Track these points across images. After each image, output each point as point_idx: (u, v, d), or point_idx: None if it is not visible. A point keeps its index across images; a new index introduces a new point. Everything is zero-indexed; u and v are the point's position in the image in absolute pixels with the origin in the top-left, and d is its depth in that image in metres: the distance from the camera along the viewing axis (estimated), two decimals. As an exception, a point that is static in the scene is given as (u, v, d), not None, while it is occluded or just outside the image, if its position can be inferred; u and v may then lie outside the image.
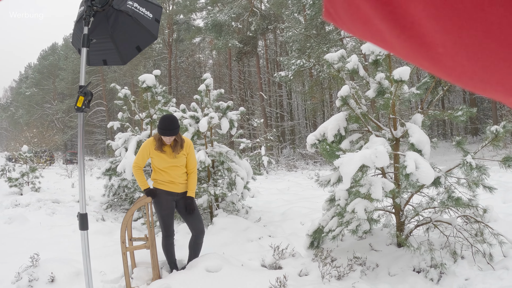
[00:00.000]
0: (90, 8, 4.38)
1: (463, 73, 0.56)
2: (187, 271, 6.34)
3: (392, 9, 0.55)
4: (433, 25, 0.53)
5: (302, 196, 16.03)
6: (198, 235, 6.70)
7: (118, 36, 4.79)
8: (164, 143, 6.40)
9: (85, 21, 4.33)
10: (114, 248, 7.97)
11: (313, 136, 6.95)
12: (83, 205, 4.37)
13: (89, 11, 4.36)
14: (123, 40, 4.88)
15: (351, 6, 0.61)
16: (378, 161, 5.23)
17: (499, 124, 6.43)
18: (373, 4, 0.57)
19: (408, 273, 6.11)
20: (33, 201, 14.14)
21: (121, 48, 4.94)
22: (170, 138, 6.31)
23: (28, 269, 6.48)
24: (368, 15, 0.59)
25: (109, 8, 4.54)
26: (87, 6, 4.38)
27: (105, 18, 4.61)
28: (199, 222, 6.68)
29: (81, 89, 4.13)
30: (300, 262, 6.73)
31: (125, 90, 13.08)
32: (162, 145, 6.39)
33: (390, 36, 0.59)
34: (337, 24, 0.68)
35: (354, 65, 6.77)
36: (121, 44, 4.91)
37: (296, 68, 36.68)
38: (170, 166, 6.42)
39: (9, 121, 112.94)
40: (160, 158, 6.41)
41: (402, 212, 6.84)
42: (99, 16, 4.53)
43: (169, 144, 6.40)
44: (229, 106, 10.27)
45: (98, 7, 4.44)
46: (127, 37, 4.87)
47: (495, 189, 6.50)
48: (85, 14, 4.36)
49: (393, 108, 6.59)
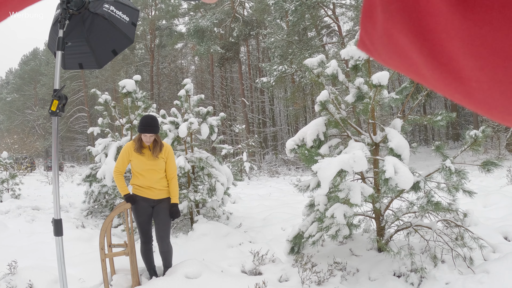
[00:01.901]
0: (65, 11, 4.32)
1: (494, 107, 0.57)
2: (166, 278, 6.30)
3: (431, 45, 0.56)
4: (470, 62, 0.54)
5: (283, 202, 16.02)
6: (158, 243, 6.62)
7: (94, 40, 4.75)
8: (144, 145, 6.37)
9: (60, 24, 4.28)
10: (94, 255, 7.90)
11: (292, 141, 6.94)
12: (57, 211, 4.32)
13: (64, 14, 4.31)
14: (99, 44, 4.84)
15: (390, 40, 0.62)
16: (356, 166, 5.23)
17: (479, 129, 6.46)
18: (413, 39, 0.58)
19: (389, 278, 6.11)
20: (13, 208, 14.01)
21: (97, 51, 4.90)
22: (150, 137, 6.29)
23: (6, 277, 6.43)
24: (406, 49, 0.60)
25: (85, 11, 4.49)
26: (63, 9, 4.32)
27: (81, 21, 4.56)
28: (163, 229, 6.57)
29: (55, 92, 4.08)
30: (280, 267, 6.71)
31: (105, 95, 13.00)
32: (141, 147, 6.36)
33: (426, 70, 0.60)
34: (372, 55, 0.69)
35: (333, 70, 6.78)
36: (97, 48, 4.86)
37: (278, 74, 36.76)
38: (149, 169, 6.38)
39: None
40: (139, 160, 6.37)
41: (382, 217, 6.84)
42: (75, 19, 4.48)
43: (149, 145, 6.37)
44: (209, 112, 10.25)
45: (73, 10, 4.39)
46: (103, 40, 4.82)
47: (474, 193, 6.53)
48: (60, 17, 4.31)
49: (373, 113, 6.60)
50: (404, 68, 0.64)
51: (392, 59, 0.65)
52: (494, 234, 7.69)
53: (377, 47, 0.65)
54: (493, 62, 0.52)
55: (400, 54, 0.61)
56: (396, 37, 0.59)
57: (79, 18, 4.53)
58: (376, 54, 0.67)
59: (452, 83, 0.58)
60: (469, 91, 0.57)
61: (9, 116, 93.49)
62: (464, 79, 0.56)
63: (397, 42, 0.60)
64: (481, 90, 0.56)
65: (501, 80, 0.53)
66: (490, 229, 7.88)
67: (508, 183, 15.28)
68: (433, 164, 23.45)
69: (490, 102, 0.57)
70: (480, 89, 0.56)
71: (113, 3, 4.68)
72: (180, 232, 9.86)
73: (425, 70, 0.60)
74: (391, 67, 0.66)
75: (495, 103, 0.56)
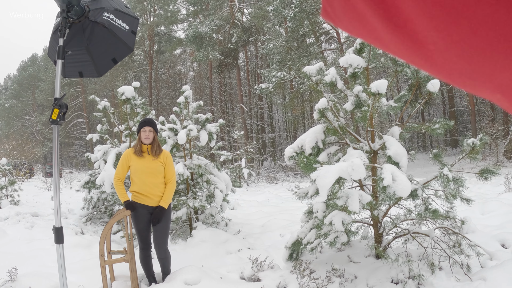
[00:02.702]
0: (65, 19, 4.35)
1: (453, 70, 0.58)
2: (165, 284, 6.33)
3: (385, 7, 0.57)
4: (424, 23, 0.54)
5: (282, 208, 16.04)
6: (156, 249, 6.65)
7: (94, 48, 4.77)
8: (143, 148, 6.42)
9: (60, 33, 4.30)
10: (93, 261, 7.90)
11: (291, 148, 6.97)
12: (58, 218, 4.34)
13: (64, 22, 4.33)
14: (99, 52, 4.86)
15: (347, 4, 0.62)
16: (354, 173, 5.25)
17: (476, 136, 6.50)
18: (369, 2, 0.58)
19: (386, 285, 6.13)
20: (12, 215, 13.99)
21: (97, 60, 4.92)
22: (149, 132, 6.39)
23: (5, 284, 6.42)
24: (364, 13, 0.60)
25: (85, 20, 4.51)
26: (63, 17, 4.35)
27: (81, 29, 4.57)
28: (160, 236, 6.59)
29: (56, 101, 4.10)
30: (279, 274, 6.73)
31: (104, 102, 13.02)
32: (141, 151, 6.42)
33: (385, 34, 0.60)
34: (335, 22, 0.69)
35: (332, 77, 6.81)
36: (97, 56, 4.89)
37: (277, 80, 36.81)
38: (148, 172, 6.43)
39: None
40: (138, 163, 6.42)
41: (380, 224, 6.87)
42: (75, 28, 4.50)
43: (148, 147, 6.44)
44: (208, 118, 10.28)
45: (74, 18, 4.41)
46: (103, 49, 4.84)
47: (472, 201, 6.55)
48: (61, 26, 4.33)
49: (371, 121, 6.63)
50: (365, 34, 0.65)
51: (353, 26, 0.65)
52: (491, 241, 7.72)
53: (339, 14, 0.66)
54: (446, 21, 0.53)
55: (359, 19, 0.62)
56: (354, 1, 0.60)
57: (79, 27, 4.56)
58: (338, 21, 0.68)
59: (411, 47, 0.59)
60: (428, 55, 0.58)
61: (7, 122, 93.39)
62: (422, 42, 0.57)
63: (356, 7, 0.61)
64: (438, 53, 0.56)
65: (456, 41, 0.53)
66: (487, 237, 7.91)
67: (505, 191, 15.33)
68: (431, 171, 23.47)
69: (448, 66, 0.57)
70: (438, 51, 0.56)
71: (113, 12, 4.70)
72: (179, 238, 9.87)
73: (384, 35, 0.60)
74: (353, 34, 0.67)
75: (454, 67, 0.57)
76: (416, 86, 6.54)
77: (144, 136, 6.37)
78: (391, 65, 6.81)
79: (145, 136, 6.37)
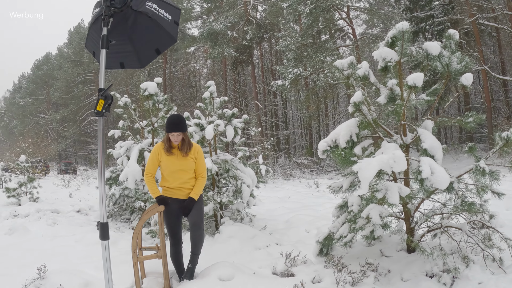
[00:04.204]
0: (108, 8, 4.32)
1: None
2: (199, 280, 6.31)
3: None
4: None
5: (303, 204, 16.00)
6: (192, 227, 6.63)
7: (137, 38, 4.73)
8: (173, 145, 6.38)
9: (104, 22, 4.27)
10: (120, 258, 7.88)
11: (324, 142, 6.93)
12: (103, 214, 4.31)
13: (108, 11, 4.31)
14: (142, 43, 4.82)
15: None
16: (396, 165, 5.23)
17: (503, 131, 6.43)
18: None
19: (421, 278, 6.09)
20: (32, 212, 14.08)
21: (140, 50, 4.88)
22: (177, 136, 6.28)
23: (35, 281, 6.41)
24: None
25: (127, 9, 4.48)
26: (106, 6, 4.32)
27: (124, 19, 4.53)
28: (196, 216, 6.58)
29: (101, 92, 4.09)
30: (312, 269, 6.71)
31: (125, 98, 13.00)
32: (171, 147, 6.37)
33: None
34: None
35: (365, 71, 6.78)
36: (140, 47, 4.85)
37: (293, 77, 36.69)
38: (178, 169, 6.38)
39: (3, 131, 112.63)
40: (168, 161, 6.37)
41: (412, 218, 6.83)
42: (117, 17, 4.46)
43: (177, 144, 6.38)
44: (234, 113, 10.26)
45: (117, 7, 4.38)
46: (146, 39, 4.81)
47: (503, 194, 6.50)
48: (104, 15, 4.30)
49: (404, 114, 6.60)
50: None
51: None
52: (519, 235, 7.67)
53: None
54: None
55: None
56: None
57: (122, 16, 4.52)
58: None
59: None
60: None
61: (22, 120, 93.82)
62: None
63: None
64: None
65: None
66: (516, 231, 7.86)
67: (526, 186, 15.19)
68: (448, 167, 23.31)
69: None
70: None
71: (156, 1, 4.66)
72: (206, 234, 9.82)
73: None
74: None
75: None
76: (447, 80, 6.50)
77: (173, 139, 6.28)
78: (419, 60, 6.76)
79: (174, 140, 6.28)
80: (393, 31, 6.48)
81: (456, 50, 6.44)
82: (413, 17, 35.65)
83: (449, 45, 6.38)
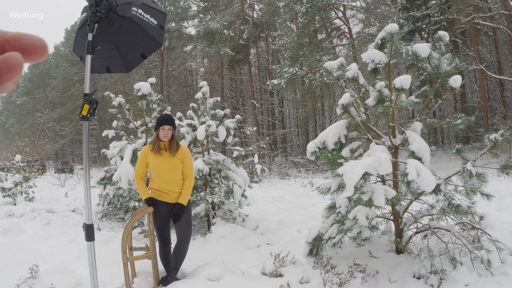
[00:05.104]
0: (94, 14, 4.35)
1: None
2: (188, 280, 6.35)
3: None
4: None
5: (297, 204, 16.05)
6: (179, 240, 6.63)
7: (122, 43, 4.77)
8: (161, 146, 6.44)
9: (89, 27, 4.30)
10: (112, 258, 7.93)
11: (313, 144, 6.97)
12: (89, 215, 4.36)
13: (93, 17, 4.34)
14: (128, 47, 4.86)
15: None
16: (381, 168, 5.26)
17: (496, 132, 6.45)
18: None
19: (409, 280, 6.13)
20: (28, 211, 14.10)
21: (125, 55, 4.92)
22: (168, 130, 6.37)
23: (27, 281, 6.45)
24: None
25: (113, 15, 4.51)
26: (92, 12, 4.35)
27: (110, 24, 4.58)
28: (185, 228, 6.61)
29: (86, 97, 4.12)
30: (301, 269, 6.75)
31: (119, 98, 13.01)
32: (159, 148, 6.42)
33: None
34: None
35: (354, 73, 6.81)
36: (126, 51, 4.89)
37: (289, 76, 36.71)
38: (166, 169, 6.42)
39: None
40: (156, 161, 6.42)
41: (401, 219, 6.87)
42: (103, 23, 4.49)
43: (165, 144, 6.44)
44: (226, 114, 10.31)
45: (102, 13, 4.41)
46: (131, 44, 4.85)
47: (492, 196, 6.53)
48: (89, 20, 4.33)
49: (393, 116, 6.63)
50: None
51: None
52: (509, 237, 7.70)
53: None
54: None
55: None
56: None
57: (108, 22, 4.56)
58: None
59: None
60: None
61: (19, 119, 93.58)
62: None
63: None
64: None
65: None
66: (505, 232, 7.88)
67: (520, 187, 15.25)
68: (444, 167, 23.41)
69: None
70: None
71: (141, 7, 4.70)
72: (197, 234, 9.90)
73: None
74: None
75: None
76: (436, 82, 6.53)
77: (163, 134, 6.36)
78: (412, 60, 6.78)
79: (164, 135, 6.36)
80: (382, 33, 6.51)
81: (446, 52, 6.47)
82: (409, 16, 35.76)
83: (439, 47, 6.42)
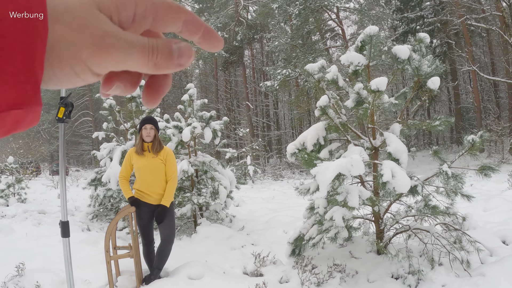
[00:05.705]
0: None
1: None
2: (169, 279, 6.43)
3: None
4: None
5: (286, 205, 16.09)
6: (163, 241, 6.70)
7: None
8: (145, 147, 6.53)
9: None
10: (99, 257, 7.98)
11: (293, 145, 7.05)
12: (64, 213, 4.44)
13: None
14: None
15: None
16: (353, 169, 5.33)
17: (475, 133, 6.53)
18: None
19: (387, 280, 6.20)
20: (19, 212, 14.12)
21: None
22: (150, 129, 6.49)
23: (13, 279, 6.53)
24: None
25: None
26: None
27: None
28: (168, 229, 6.68)
29: (61, 100, 4.19)
30: (281, 269, 6.82)
31: (110, 100, 13.06)
32: (142, 150, 6.53)
33: None
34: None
35: (333, 75, 6.88)
36: None
37: (282, 78, 36.76)
38: (149, 170, 6.54)
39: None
40: (139, 162, 6.55)
41: (382, 220, 6.93)
42: None
43: (149, 145, 6.54)
44: (212, 116, 10.37)
45: None
46: None
47: (473, 197, 6.60)
48: None
49: (372, 118, 6.70)
50: None
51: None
52: (492, 238, 7.77)
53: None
54: None
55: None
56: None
57: None
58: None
59: None
60: None
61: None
62: None
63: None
64: None
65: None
66: (488, 233, 7.96)
67: (509, 188, 15.31)
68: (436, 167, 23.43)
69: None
70: None
71: None
72: (183, 234, 9.96)
73: None
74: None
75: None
76: (418, 83, 6.60)
77: (145, 134, 6.46)
78: (392, 62, 6.86)
79: (146, 134, 6.46)
80: (362, 35, 6.59)
81: (428, 53, 6.55)
82: (403, 17, 35.94)
83: (420, 49, 6.50)
